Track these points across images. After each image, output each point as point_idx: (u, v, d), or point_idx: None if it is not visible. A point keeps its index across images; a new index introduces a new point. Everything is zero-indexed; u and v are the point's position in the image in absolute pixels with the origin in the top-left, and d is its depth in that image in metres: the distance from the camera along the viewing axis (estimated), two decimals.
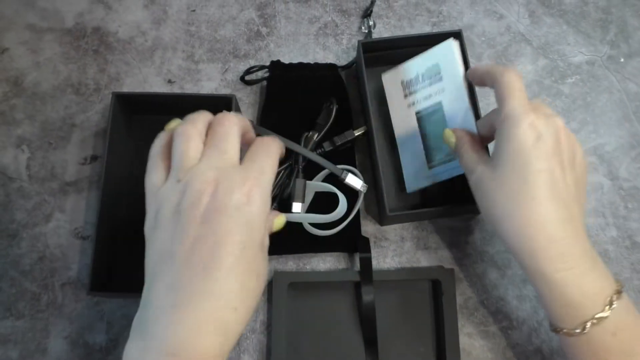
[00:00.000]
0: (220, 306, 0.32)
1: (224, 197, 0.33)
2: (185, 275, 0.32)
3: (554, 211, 0.38)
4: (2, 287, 0.52)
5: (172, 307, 0.32)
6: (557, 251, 0.37)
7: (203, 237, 0.32)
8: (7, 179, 0.55)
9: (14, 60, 0.58)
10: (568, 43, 0.60)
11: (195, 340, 0.31)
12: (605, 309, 0.37)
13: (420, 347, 0.50)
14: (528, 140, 0.38)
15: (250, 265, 0.33)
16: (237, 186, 0.33)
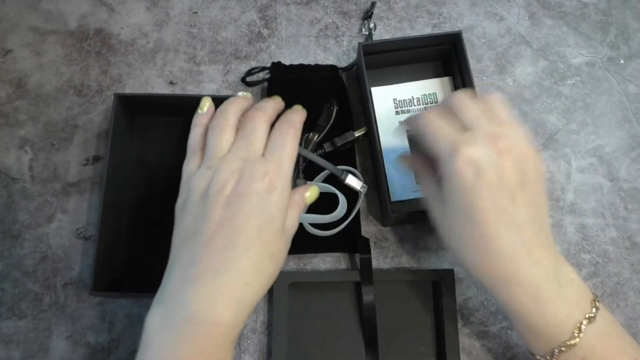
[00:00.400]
0: (235, 281, 0.36)
1: (246, 185, 0.37)
2: (206, 253, 0.36)
3: (506, 245, 0.37)
4: (5, 288, 0.52)
5: (192, 279, 0.36)
6: (516, 283, 0.37)
7: (224, 220, 0.37)
8: (10, 180, 0.55)
9: (17, 62, 0.59)
10: (568, 45, 0.61)
11: (211, 309, 0.35)
12: (574, 335, 0.36)
13: (420, 347, 0.50)
14: (466, 180, 0.37)
15: (266, 247, 0.37)
16: (258, 177, 0.37)
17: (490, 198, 0.37)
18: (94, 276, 0.47)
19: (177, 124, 0.56)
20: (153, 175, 0.55)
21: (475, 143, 0.37)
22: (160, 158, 0.55)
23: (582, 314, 0.37)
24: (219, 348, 0.36)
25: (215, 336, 0.35)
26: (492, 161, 0.37)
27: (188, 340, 0.35)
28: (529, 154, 0.38)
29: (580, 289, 0.38)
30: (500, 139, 0.38)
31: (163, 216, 0.53)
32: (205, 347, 0.35)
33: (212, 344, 0.35)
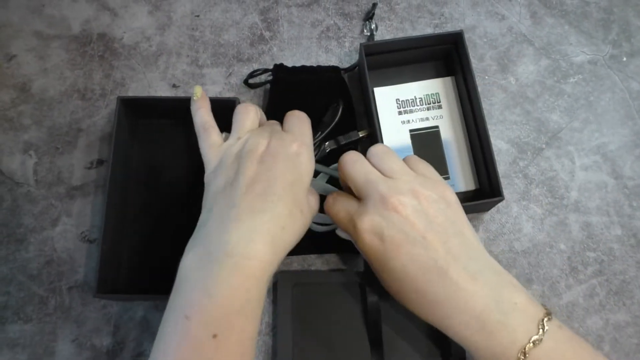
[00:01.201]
0: (272, 223, 0.38)
1: (278, 147, 0.41)
2: (245, 198, 0.38)
3: (438, 291, 0.37)
4: (10, 292, 0.52)
5: (232, 219, 0.38)
6: (457, 322, 0.37)
7: (261, 173, 0.39)
8: (15, 184, 0.55)
9: (22, 66, 0.59)
10: (570, 43, 0.61)
11: (249, 245, 0.36)
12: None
13: (425, 347, 0.50)
14: (376, 249, 0.39)
15: (297, 200, 0.40)
16: (288, 142, 0.41)
17: (404, 254, 0.38)
18: (98, 279, 0.47)
19: (180, 127, 0.56)
20: (156, 177, 0.55)
21: (367, 211, 0.40)
22: (164, 161, 0.55)
23: (527, 338, 0.35)
24: (257, 282, 0.37)
25: (253, 271, 0.36)
26: (390, 222, 0.39)
27: (227, 274, 0.35)
28: (429, 194, 0.40)
29: (525, 311, 0.37)
30: (390, 198, 0.39)
31: (167, 218, 0.54)
32: (243, 281, 0.36)
33: (251, 277, 0.36)
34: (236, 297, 0.35)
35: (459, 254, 0.38)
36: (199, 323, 0.35)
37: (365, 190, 0.41)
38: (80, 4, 0.62)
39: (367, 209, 0.40)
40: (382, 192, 0.39)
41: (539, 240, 0.54)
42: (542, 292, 0.52)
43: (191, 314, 0.35)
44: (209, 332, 0.34)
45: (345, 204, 0.42)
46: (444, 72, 0.58)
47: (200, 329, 0.34)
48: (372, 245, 0.39)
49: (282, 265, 0.53)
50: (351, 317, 0.51)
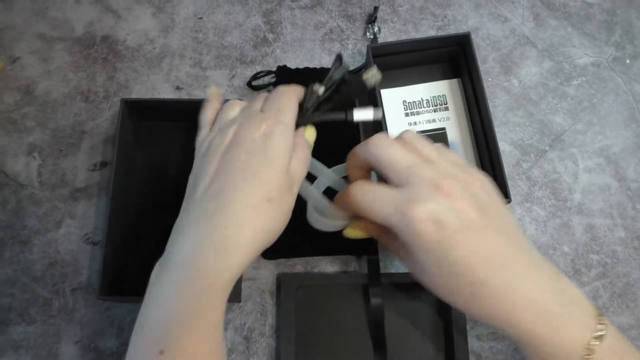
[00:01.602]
0: (225, 223, 0.35)
1: (243, 134, 0.38)
2: (199, 202, 0.37)
3: (499, 282, 0.34)
4: (14, 293, 0.52)
5: (185, 225, 0.37)
6: (520, 316, 0.34)
7: (221, 168, 0.38)
8: (19, 186, 0.55)
9: (25, 69, 0.59)
10: (573, 45, 0.61)
11: (198, 254, 0.35)
12: (585, 357, 0.33)
13: (429, 349, 0.50)
14: (430, 237, 0.34)
15: (263, 190, 0.37)
16: (255, 125, 0.39)
17: (464, 244, 0.34)
18: (101, 281, 0.47)
19: (183, 129, 0.56)
20: (160, 179, 0.55)
21: (419, 198, 0.35)
22: (167, 163, 0.55)
23: (590, 334, 0.34)
24: (210, 292, 0.34)
25: (204, 283, 0.34)
26: (444, 207, 0.35)
27: (178, 287, 0.34)
28: (472, 180, 0.37)
29: (584, 305, 0.35)
30: (441, 183, 0.35)
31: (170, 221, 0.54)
32: (193, 295, 0.34)
33: (201, 291, 0.34)
34: (184, 310, 0.34)
35: (516, 243, 0.36)
36: (149, 337, 0.34)
37: (407, 175, 0.36)
38: (84, 6, 0.62)
39: (418, 196, 0.35)
40: (431, 177, 0.35)
41: (542, 243, 0.54)
42: None
43: (144, 325, 0.35)
44: (157, 347, 0.33)
45: (384, 193, 0.37)
46: (450, 74, 0.58)
47: (149, 343, 0.34)
48: (429, 235, 0.34)
49: (285, 268, 0.53)
50: (354, 319, 0.51)
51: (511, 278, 0.34)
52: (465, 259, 0.34)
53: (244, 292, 0.52)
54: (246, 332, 0.51)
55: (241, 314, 0.51)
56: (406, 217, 0.35)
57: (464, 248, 0.34)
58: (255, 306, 0.52)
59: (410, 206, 0.35)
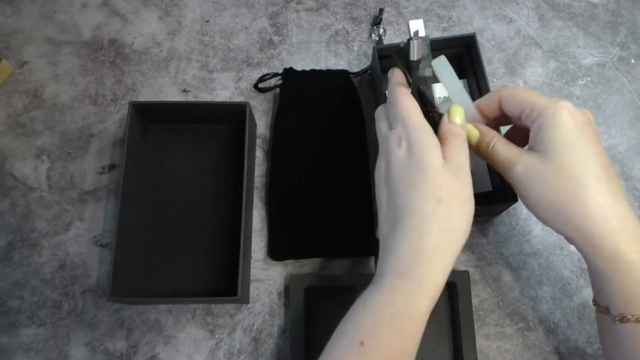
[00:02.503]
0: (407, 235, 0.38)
1: (392, 158, 0.39)
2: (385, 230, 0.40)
3: (617, 192, 0.37)
4: (24, 296, 0.53)
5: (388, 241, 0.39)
6: (632, 232, 0.37)
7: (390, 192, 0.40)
8: (28, 189, 0.56)
9: (34, 73, 0.60)
10: (578, 45, 0.61)
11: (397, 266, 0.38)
12: None
13: (437, 349, 0.50)
14: (576, 123, 0.38)
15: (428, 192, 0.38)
16: (394, 145, 0.40)
17: (595, 145, 0.38)
18: (112, 282, 0.47)
19: (191, 131, 0.56)
20: (168, 182, 0.55)
21: (569, 105, 0.39)
22: (175, 165, 0.56)
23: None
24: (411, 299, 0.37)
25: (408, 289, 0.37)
26: (586, 119, 0.39)
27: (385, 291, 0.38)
28: None
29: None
30: (583, 109, 0.40)
31: (179, 222, 0.54)
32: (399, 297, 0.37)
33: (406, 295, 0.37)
34: (388, 310, 0.37)
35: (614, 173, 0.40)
36: (353, 329, 0.38)
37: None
38: (91, 10, 0.62)
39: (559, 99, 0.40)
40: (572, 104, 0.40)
41: (549, 242, 0.54)
42: (553, 293, 0.52)
43: (351, 317, 0.39)
44: (358, 339, 0.36)
45: (535, 93, 0.41)
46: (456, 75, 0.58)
47: (352, 334, 0.37)
48: (573, 120, 0.38)
49: (293, 269, 0.53)
50: None
51: (623, 194, 0.38)
52: (598, 158, 0.38)
53: (252, 294, 0.52)
54: (255, 333, 0.51)
55: (250, 315, 0.52)
56: (557, 104, 0.39)
57: (599, 148, 0.38)
58: (264, 307, 0.52)
59: (561, 101, 0.39)
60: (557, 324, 0.51)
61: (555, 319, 0.51)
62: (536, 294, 0.52)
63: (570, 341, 0.50)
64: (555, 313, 0.51)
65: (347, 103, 0.56)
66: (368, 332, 0.37)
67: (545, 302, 0.52)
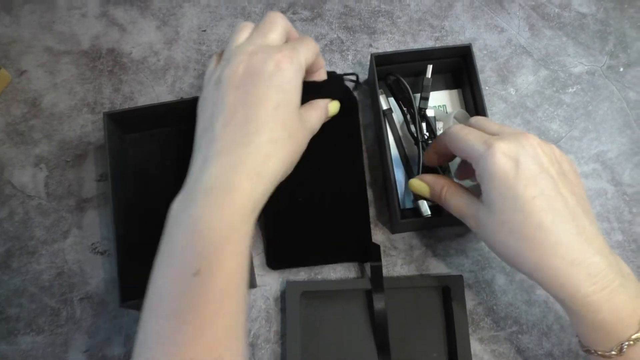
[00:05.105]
0: (254, 153, 0.37)
1: (258, 65, 0.38)
2: (225, 131, 0.37)
3: (564, 233, 0.36)
4: (22, 304, 0.53)
5: (212, 156, 0.37)
6: (583, 274, 0.36)
7: (240, 99, 0.38)
8: (26, 197, 0.56)
9: (32, 82, 0.60)
10: (568, 54, 0.62)
11: (228, 179, 0.36)
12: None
13: (432, 353, 0.51)
14: (508, 172, 0.37)
15: (284, 122, 0.38)
16: (270, 57, 0.38)
17: (537, 186, 0.36)
18: (119, 288, 0.47)
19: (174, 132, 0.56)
20: (158, 184, 0.55)
21: (507, 139, 0.38)
22: (161, 167, 0.56)
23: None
24: (242, 216, 0.36)
25: (237, 204, 0.36)
26: (527, 152, 0.38)
27: (209, 210, 0.35)
28: (557, 150, 0.40)
29: (637, 282, 0.37)
30: (528, 136, 0.39)
31: None
32: (227, 215, 0.35)
33: (234, 211, 0.35)
34: (219, 232, 0.35)
35: (584, 210, 0.38)
36: (179, 262, 0.34)
37: (502, 130, 0.41)
38: (90, 20, 0.63)
39: (505, 137, 0.39)
40: (519, 132, 0.39)
41: None
42: (546, 297, 0.53)
43: (171, 252, 0.35)
44: (190, 270, 0.34)
45: (477, 132, 0.41)
46: (452, 84, 0.59)
47: (180, 267, 0.34)
48: (506, 169, 0.37)
49: (289, 274, 0.54)
50: (358, 324, 0.51)
51: (577, 235, 0.36)
52: (537, 200, 0.36)
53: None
54: (252, 339, 0.52)
55: (246, 320, 0.52)
56: (490, 149, 0.38)
57: (537, 189, 0.36)
58: (260, 313, 0.53)
59: (496, 142, 0.38)
60: (550, 327, 0.52)
61: (549, 322, 0.52)
62: (529, 298, 0.53)
63: (564, 344, 0.51)
64: (549, 316, 0.52)
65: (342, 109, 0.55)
66: (201, 258, 0.34)
67: (538, 306, 0.53)
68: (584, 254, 0.36)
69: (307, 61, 0.41)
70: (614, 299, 0.36)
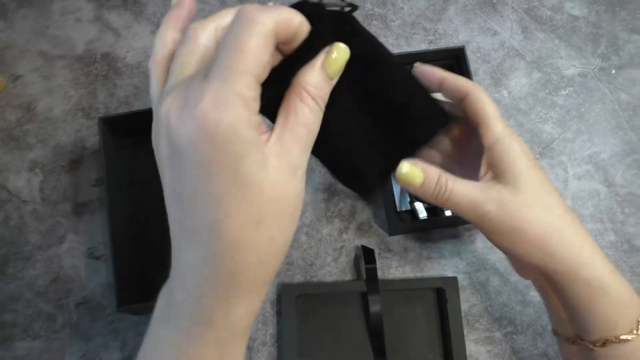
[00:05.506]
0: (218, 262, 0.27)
1: (178, 130, 0.25)
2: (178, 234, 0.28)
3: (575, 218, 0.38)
4: (18, 309, 0.53)
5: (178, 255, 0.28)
6: (601, 255, 0.37)
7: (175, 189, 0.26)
8: (21, 202, 0.56)
9: (27, 86, 0.60)
10: (560, 57, 0.63)
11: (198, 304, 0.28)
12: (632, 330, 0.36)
13: (428, 354, 0.51)
14: (531, 161, 0.37)
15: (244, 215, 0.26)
16: (191, 104, 0.24)
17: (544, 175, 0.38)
18: (116, 293, 0.47)
19: None
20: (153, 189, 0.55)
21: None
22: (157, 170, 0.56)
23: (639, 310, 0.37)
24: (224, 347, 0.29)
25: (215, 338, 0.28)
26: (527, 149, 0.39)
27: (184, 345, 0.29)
28: None
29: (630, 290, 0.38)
30: None
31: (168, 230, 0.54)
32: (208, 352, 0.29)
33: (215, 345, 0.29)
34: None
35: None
36: None
37: None
38: (84, 24, 0.63)
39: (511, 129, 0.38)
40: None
41: None
42: (539, 298, 0.53)
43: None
44: None
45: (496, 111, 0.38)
46: None
47: None
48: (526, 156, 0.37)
49: (285, 277, 0.54)
50: (354, 326, 0.52)
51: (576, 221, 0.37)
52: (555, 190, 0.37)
53: None
54: (248, 342, 0.52)
55: None
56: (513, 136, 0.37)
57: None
58: (257, 316, 0.53)
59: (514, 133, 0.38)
60: (544, 327, 0.52)
61: (543, 322, 0.52)
62: (523, 299, 0.53)
63: None
64: (543, 316, 0.53)
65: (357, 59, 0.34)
66: None
67: (532, 306, 0.53)
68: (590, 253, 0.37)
69: (258, 64, 0.25)
70: (613, 303, 0.37)
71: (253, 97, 0.25)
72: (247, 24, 0.25)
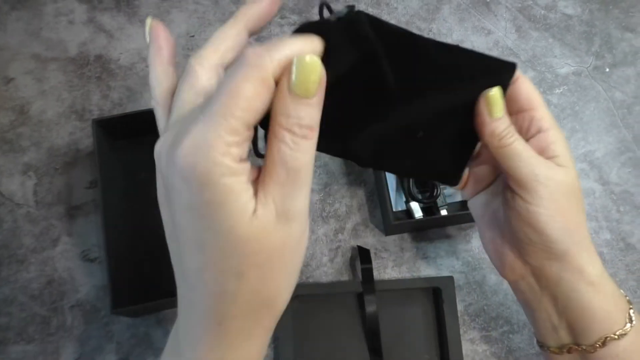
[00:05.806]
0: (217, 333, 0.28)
1: (167, 176, 0.25)
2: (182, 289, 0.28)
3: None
4: (12, 312, 0.52)
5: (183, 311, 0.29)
6: (595, 250, 0.38)
7: (175, 241, 0.27)
8: (15, 205, 0.56)
9: (20, 89, 0.60)
10: (554, 55, 0.63)
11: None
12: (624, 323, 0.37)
13: (424, 354, 0.51)
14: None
15: (217, 264, 0.25)
16: (175, 146, 0.24)
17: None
18: (111, 295, 0.47)
19: None
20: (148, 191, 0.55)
21: None
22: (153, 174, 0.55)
23: (627, 305, 0.38)
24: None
25: None
26: None
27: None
28: None
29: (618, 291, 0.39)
30: None
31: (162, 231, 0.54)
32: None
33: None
34: None
35: None
36: None
37: None
38: (77, 26, 0.63)
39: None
40: None
41: None
42: None
43: None
44: None
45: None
46: None
47: None
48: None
49: None
50: (350, 327, 0.52)
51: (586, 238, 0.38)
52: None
53: None
54: None
55: None
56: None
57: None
58: None
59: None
60: None
61: None
62: None
63: None
64: None
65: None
66: None
67: None
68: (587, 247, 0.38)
69: (252, 118, 0.24)
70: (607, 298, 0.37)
71: (236, 142, 0.23)
72: (245, 68, 0.24)
